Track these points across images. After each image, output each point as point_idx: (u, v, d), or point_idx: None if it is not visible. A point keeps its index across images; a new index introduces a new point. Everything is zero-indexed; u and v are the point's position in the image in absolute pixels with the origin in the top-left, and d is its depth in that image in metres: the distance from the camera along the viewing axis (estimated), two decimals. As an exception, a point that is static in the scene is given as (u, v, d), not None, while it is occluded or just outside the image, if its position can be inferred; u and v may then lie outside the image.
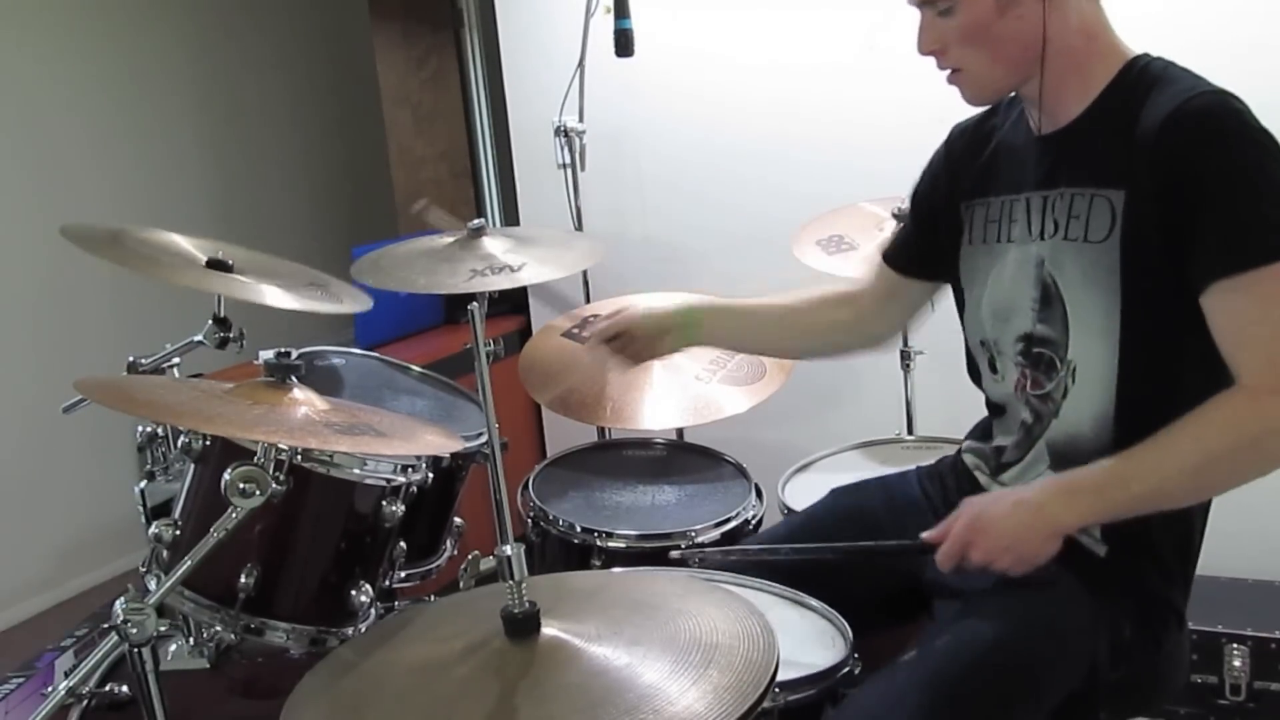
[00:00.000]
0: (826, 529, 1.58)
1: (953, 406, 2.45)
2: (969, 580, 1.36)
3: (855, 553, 1.49)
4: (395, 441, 1.43)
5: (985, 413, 1.54)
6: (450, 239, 2.05)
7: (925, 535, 1.33)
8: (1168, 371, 1.26)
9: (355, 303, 1.79)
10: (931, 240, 1.55)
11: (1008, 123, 1.45)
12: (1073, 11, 1.28)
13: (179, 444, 1.54)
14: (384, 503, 1.56)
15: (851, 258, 2.19)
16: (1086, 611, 1.30)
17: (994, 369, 1.47)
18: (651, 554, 1.87)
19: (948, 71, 1.36)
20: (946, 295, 1.61)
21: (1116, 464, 1.24)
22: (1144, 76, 1.27)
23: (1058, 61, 1.29)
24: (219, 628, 1.46)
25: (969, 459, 1.51)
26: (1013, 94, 1.40)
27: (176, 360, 1.80)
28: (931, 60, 1.38)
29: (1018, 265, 1.39)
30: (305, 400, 1.40)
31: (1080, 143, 1.32)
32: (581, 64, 2.70)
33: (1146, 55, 1.31)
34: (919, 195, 1.59)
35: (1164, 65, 1.29)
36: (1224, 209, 1.18)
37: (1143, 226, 1.24)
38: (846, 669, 1.32)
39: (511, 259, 1.96)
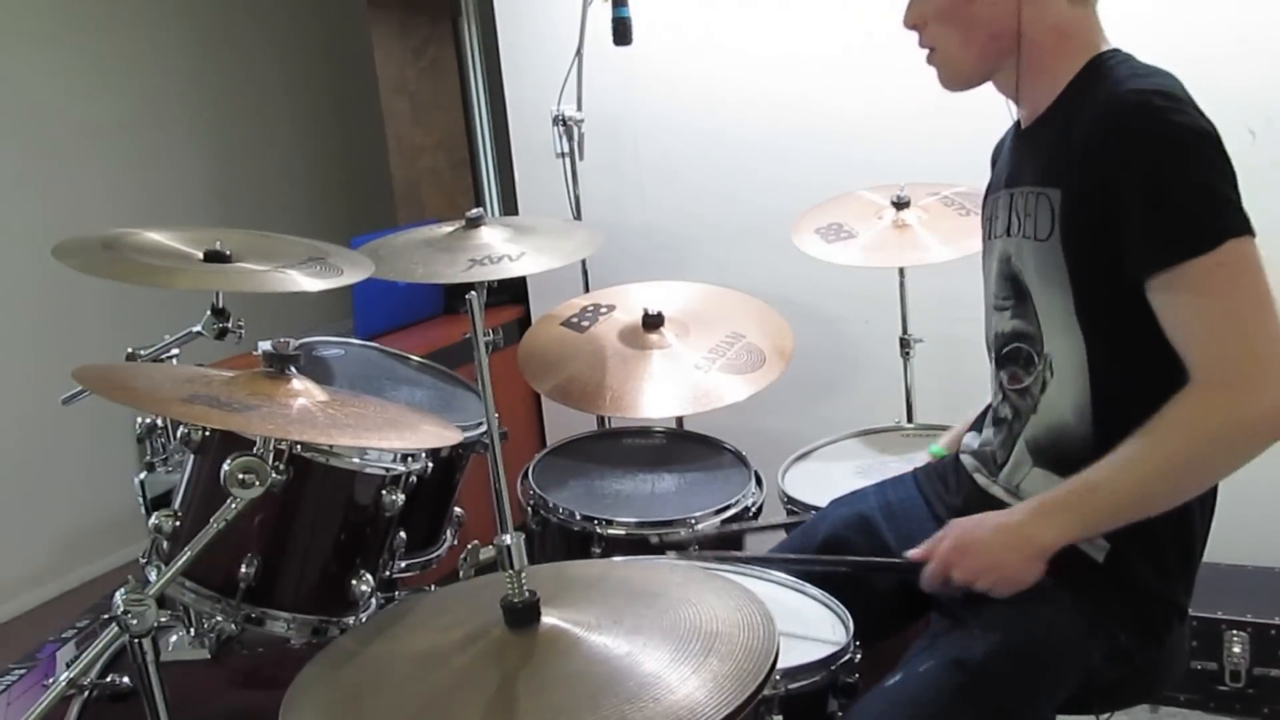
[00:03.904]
0: (828, 540, 1.58)
1: (952, 394, 2.46)
2: (960, 596, 1.35)
3: (841, 565, 1.50)
4: (393, 433, 1.43)
5: (985, 400, 1.54)
6: (449, 229, 2.05)
7: (911, 554, 1.34)
8: (1136, 359, 1.26)
9: (357, 270, 1.78)
10: None
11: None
12: (1049, 8, 1.28)
13: (178, 435, 1.54)
14: (384, 492, 1.56)
15: (850, 246, 2.18)
16: (1077, 626, 1.29)
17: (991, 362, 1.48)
18: (651, 541, 1.87)
19: (926, 53, 1.37)
20: (946, 283, 1.60)
21: (1086, 477, 1.24)
22: (1098, 73, 1.26)
23: (1030, 55, 1.30)
24: (220, 618, 1.46)
25: (968, 461, 1.51)
26: None
27: (175, 352, 1.80)
28: None
29: (999, 261, 1.41)
30: (304, 391, 1.40)
31: (1036, 140, 1.33)
32: (579, 52, 2.69)
33: (1112, 51, 1.29)
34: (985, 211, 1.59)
35: (1118, 60, 1.27)
36: (1150, 205, 1.17)
37: (1079, 226, 1.24)
38: (847, 656, 1.32)
39: (510, 249, 1.96)
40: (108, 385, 1.31)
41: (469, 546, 1.84)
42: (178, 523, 1.47)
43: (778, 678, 1.23)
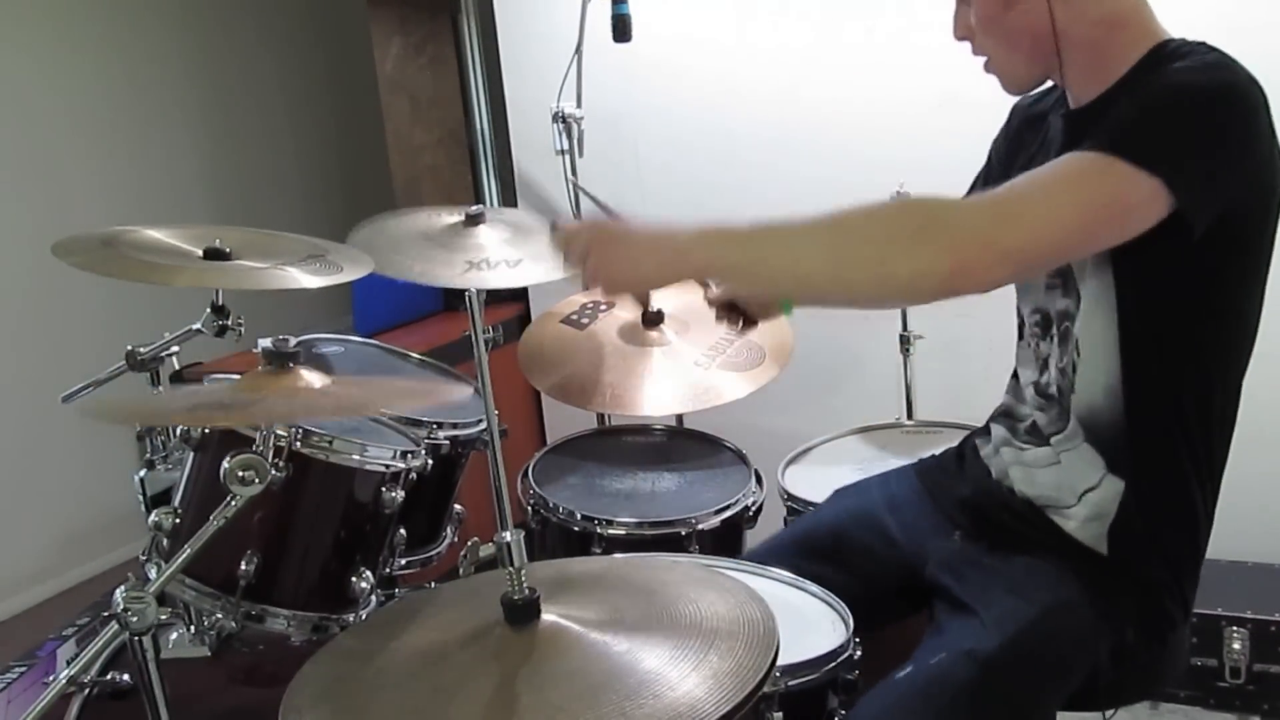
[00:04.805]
0: (831, 530, 1.59)
1: (952, 391, 2.46)
2: (968, 588, 1.36)
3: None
4: (404, 400, 1.39)
5: (986, 397, 1.54)
6: (448, 219, 2.04)
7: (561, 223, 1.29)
8: (1169, 334, 1.25)
9: (357, 267, 1.77)
10: None
11: (1057, 99, 1.45)
12: (1087, 4, 1.26)
13: (178, 432, 1.54)
14: (384, 489, 1.56)
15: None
16: (1087, 622, 1.29)
17: (1020, 335, 1.48)
18: (652, 541, 1.87)
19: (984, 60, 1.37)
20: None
21: (777, 224, 1.20)
22: (1169, 57, 1.24)
23: (1077, 53, 1.28)
24: (220, 615, 1.46)
25: (998, 430, 1.50)
26: None
27: (175, 349, 1.80)
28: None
29: None
30: (306, 379, 1.38)
31: (1090, 121, 1.31)
32: (579, 49, 2.68)
33: (1180, 40, 1.27)
34: (987, 169, 1.58)
35: (1194, 45, 1.25)
36: (1127, 110, 1.17)
37: None
38: (847, 653, 1.32)
39: (508, 253, 1.94)
40: (115, 415, 1.31)
41: (469, 544, 1.84)
42: (178, 520, 1.48)
43: (778, 675, 1.24)
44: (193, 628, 1.78)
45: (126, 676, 1.57)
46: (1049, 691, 1.29)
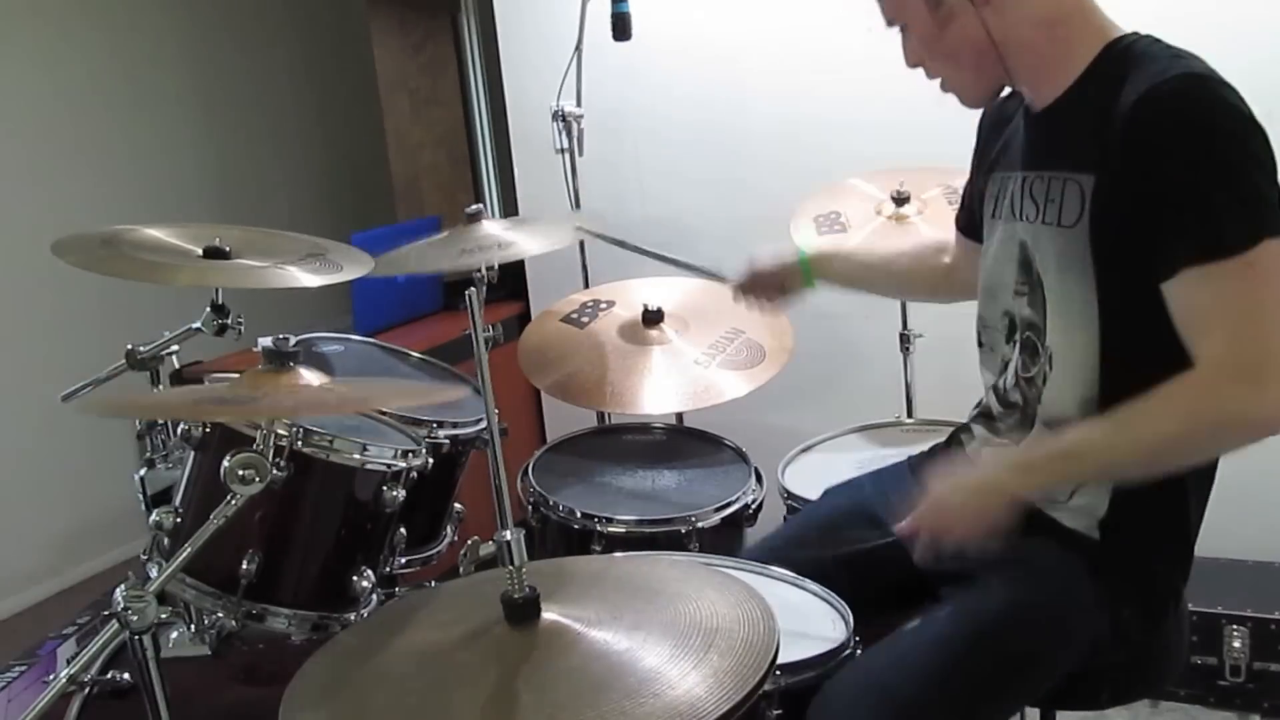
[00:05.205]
0: (825, 529, 1.59)
1: (952, 389, 2.44)
2: (970, 564, 1.36)
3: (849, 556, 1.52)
4: (402, 399, 1.39)
5: (983, 395, 1.54)
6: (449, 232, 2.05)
7: (898, 529, 1.35)
8: (1152, 354, 1.24)
9: (356, 266, 1.78)
10: (972, 208, 1.58)
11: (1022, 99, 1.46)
12: (1020, 8, 1.27)
13: (178, 431, 1.54)
14: (384, 488, 1.56)
15: (846, 240, 2.19)
16: (1087, 592, 1.31)
17: (980, 343, 1.48)
18: (652, 539, 1.87)
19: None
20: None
21: (1074, 438, 1.27)
22: (1125, 57, 1.25)
23: (1023, 57, 1.30)
24: (220, 614, 1.46)
25: (979, 430, 1.51)
26: None
27: (175, 348, 1.80)
28: None
29: (1002, 243, 1.41)
30: (308, 378, 1.39)
31: (1057, 125, 1.32)
32: (579, 48, 2.68)
33: (1133, 35, 1.28)
34: (972, 162, 1.59)
35: (1148, 43, 1.26)
36: (1190, 197, 1.16)
37: (1111, 212, 1.23)
38: (848, 651, 1.32)
39: (504, 237, 1.95)
40: (116, 408, 1.31)
41: (469, 542, 1.83)
42: (178, 519, 1.48)
43: (777, 673, 1.24)
44: (193, 627, 1.78)
45: (127, 675, 1.57)
46: (1052, 651, 1.30)
